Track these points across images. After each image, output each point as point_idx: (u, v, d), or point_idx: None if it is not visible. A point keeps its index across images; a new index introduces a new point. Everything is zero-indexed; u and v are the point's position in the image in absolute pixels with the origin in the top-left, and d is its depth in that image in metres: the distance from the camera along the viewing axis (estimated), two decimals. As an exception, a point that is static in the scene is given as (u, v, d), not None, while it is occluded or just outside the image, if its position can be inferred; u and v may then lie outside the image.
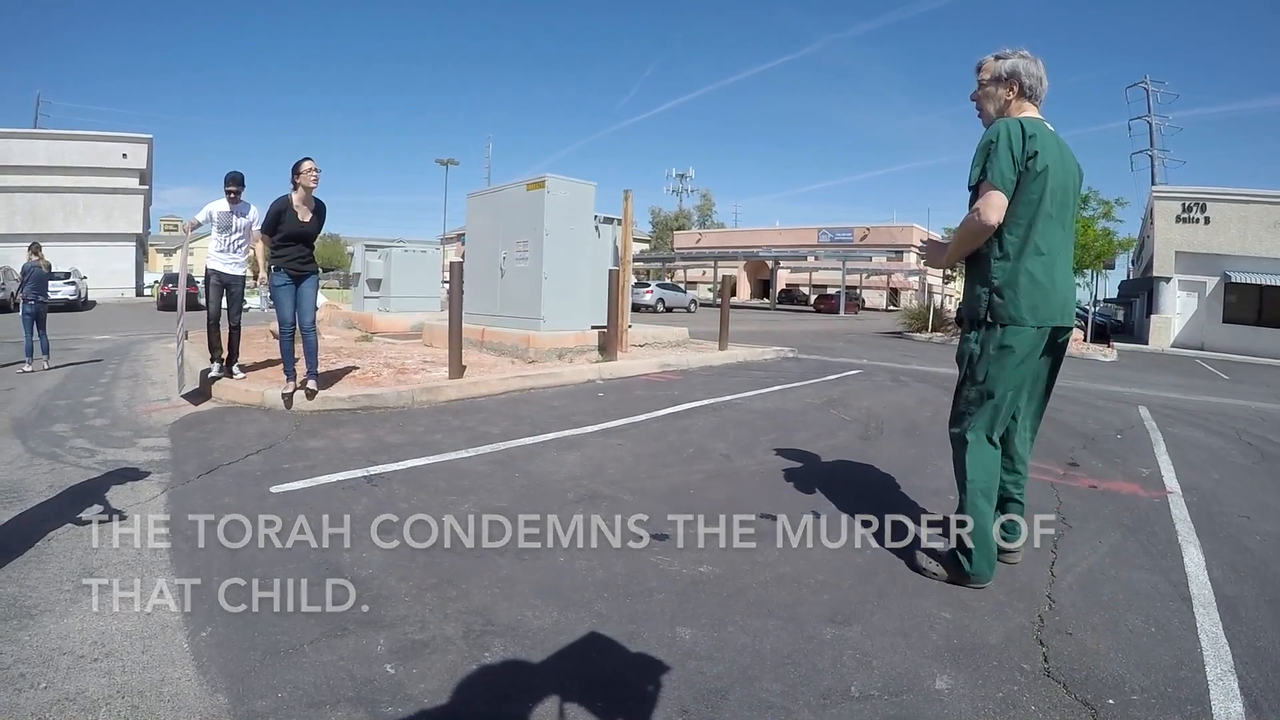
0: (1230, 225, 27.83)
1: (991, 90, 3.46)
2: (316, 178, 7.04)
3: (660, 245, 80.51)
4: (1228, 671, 2.64)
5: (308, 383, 7.05)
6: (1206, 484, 5.42)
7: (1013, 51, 3.42)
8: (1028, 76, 3.36)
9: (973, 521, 3.29)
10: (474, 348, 10.99)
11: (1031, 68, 3.37)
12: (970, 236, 3.27)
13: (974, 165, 3.25)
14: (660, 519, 4.09)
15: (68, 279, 28.65)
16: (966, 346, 3.42)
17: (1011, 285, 3.24)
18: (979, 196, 3.20)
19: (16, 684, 2.33)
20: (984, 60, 3.51)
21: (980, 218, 3.16)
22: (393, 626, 2.78)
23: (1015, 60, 3.38)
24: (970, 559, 3.30)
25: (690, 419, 7.12)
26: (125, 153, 46.29)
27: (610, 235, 12.33)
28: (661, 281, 48.72)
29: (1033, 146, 3.18)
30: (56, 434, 5.83)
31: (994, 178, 3.14)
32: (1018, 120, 3.25)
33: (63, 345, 12.70)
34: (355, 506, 4.15)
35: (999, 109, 3.45)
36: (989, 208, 3.14)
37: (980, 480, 3.33)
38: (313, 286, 7.22)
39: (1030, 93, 3.38)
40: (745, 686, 2.44)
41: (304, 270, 7.10)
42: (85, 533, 3.65)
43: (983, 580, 3.32)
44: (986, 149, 3.20)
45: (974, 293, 3.37)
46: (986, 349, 3.31)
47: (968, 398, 3.41)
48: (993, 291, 3.28)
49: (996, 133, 3.20)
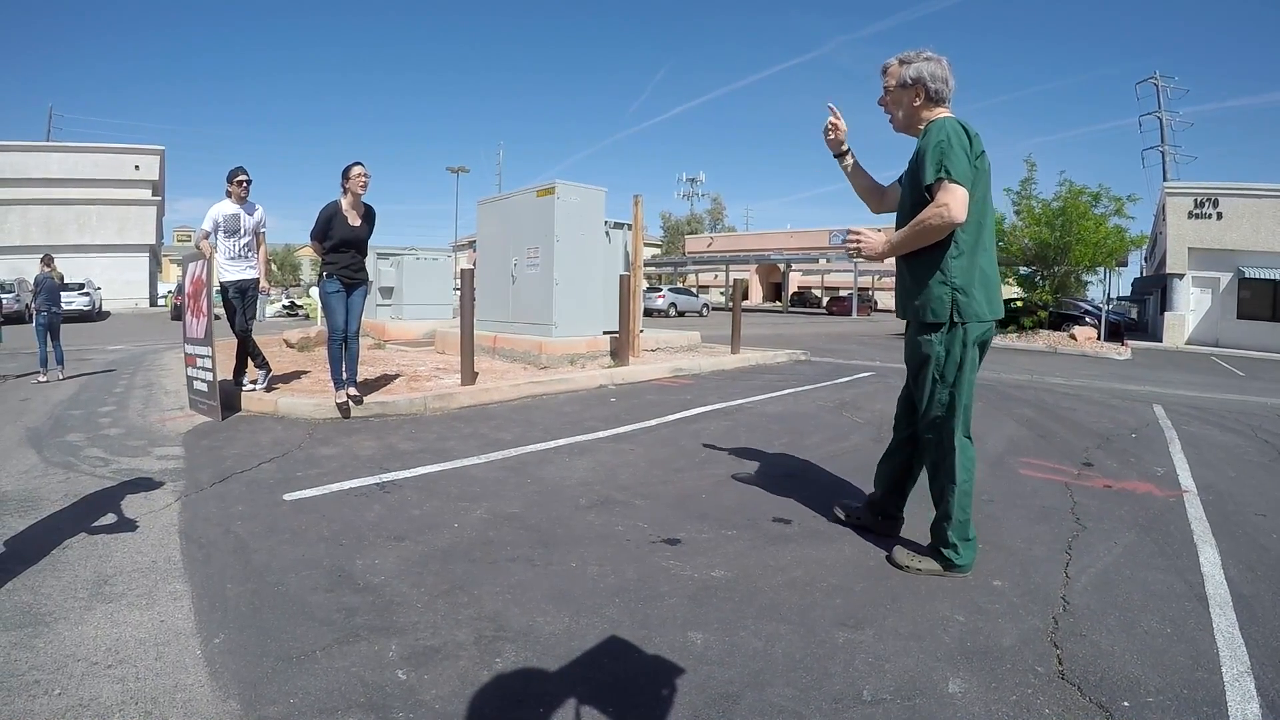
0: (1243, 220, 27.65)
1: (898, 95, 3.51)
2: (366, 183, 6.93)
3: (671, 250, 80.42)
4: (1244, 672, 2.62)
5: (349, 389, 7.00)
6: (1222, 482, 5.37)
7: (916, 54, 3.45)
8: (933, 80, 3.40)
9: (962, 517, 3.42)
10: (486, 354, 11.02)
11: (938, 70, 3.40)
12: (933, 233, 3.25)
13: (929, 165, 3.22)
14: (672, 523, 4.09)
15: (81, 290, 28.90)
16: (930, 349, 3.41)
17: (973, 283, 3.32)
18: (937, 194, 3.19)
19: (31, 690, 2.35)
20: (888, 64, 3.54)
21: (950, 214, 3.14)
22: (405, 633, 2.79)
23: (920, 64, 3.41)
24: (959, 552, 3.42)
25: (702, 423, 7.11)
26: (138, 164, 46.72)
27: (621, 240, 12.36)
28: (673, 286, 48.77)
29: (978, 146, 3.29)
30: (71, 443, 5.88)
31: (958, 176, 3.15)
32: (957, 121, 3.30)
33: (77, 356, 12.80)
34: (368, 513, 4.17)
35: (908, 114, 3.51)
36: (959, 204, 3.14)
37: (966, 480, 3.43)
38: (362, 296, 7.15)
39: (937, 96, 3.43)
40: (757, 691, 2.43)
41: (356, 278, 7.04)
42: (99, 541, 3.68)
43: (970, 568, 3.46)
44: (940, 149, 3.20)
45: (935, 292, 3.35)
46: (953, 349, 3.36)
47: (941, 401, 3.43)
48: (956, 290, 3.31)
49: (946, 133, 3.22)
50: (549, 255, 10.66)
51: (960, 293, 3.30)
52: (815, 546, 3.78)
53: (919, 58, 3.42)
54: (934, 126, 3.29)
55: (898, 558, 3.58)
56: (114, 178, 45.44)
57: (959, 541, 3.42)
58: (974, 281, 3.32)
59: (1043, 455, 6.06)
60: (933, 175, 3.20)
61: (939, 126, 3.27)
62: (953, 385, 3.39)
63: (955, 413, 3.41)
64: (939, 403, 3.44)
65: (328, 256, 6.92)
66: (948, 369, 3.38)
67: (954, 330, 3.34)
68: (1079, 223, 22.43)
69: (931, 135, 3.26)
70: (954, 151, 3.17)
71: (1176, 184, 31.37)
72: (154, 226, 48.00)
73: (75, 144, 46.80)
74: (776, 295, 69.08)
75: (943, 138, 3.21)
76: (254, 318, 7.98)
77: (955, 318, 3.31)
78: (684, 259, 66.92)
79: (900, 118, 3.55)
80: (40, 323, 9.86)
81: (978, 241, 3.33)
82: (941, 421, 3.45)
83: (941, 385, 3.41)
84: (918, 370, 3.53)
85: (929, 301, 3.37)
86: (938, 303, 3.34)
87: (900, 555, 3.59)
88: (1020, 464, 5.70)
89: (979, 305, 3.32)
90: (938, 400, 3.44)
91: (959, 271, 3.30)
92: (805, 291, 65.89)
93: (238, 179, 7.62)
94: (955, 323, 3.33)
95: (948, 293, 3.32)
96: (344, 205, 6.90)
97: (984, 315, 3.33)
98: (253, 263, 7.82)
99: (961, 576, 3.43)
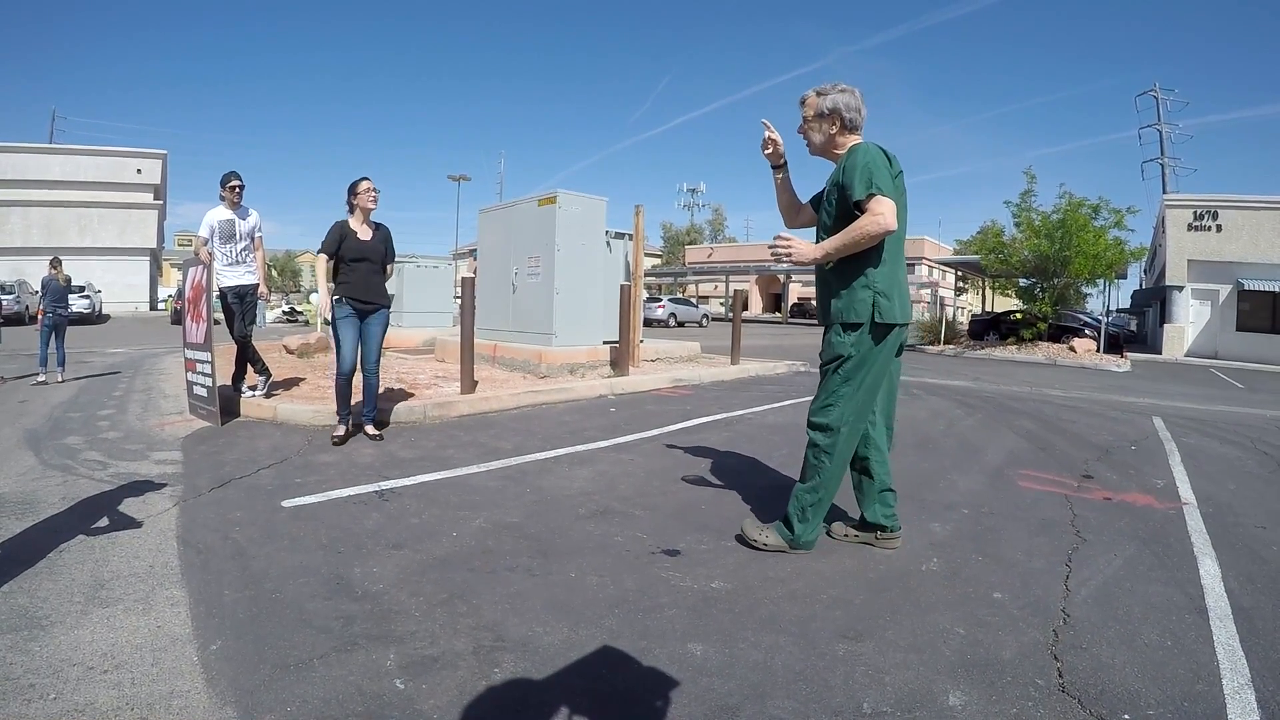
0: (1242, 232, 27.75)
1: (816, 125, 3.81)
2: (375, 198, 6.38)
3: (672, 260, 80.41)
4: (1245, 685, 2.61)
5: (365, 427, 6.44)
6: (1222, 495, 5.37)
7: (832, 87, 3.77)
8: (848, 110, 3.73)
9: (826, 497, 3.74)
10: (486, 363, 11.03)
11: (851, 101, 3.73)
12: (867, 240, 3.48)
13: (859, 183, 3.46)
14: (672, 534, 4.08)
15: (82, 293, 28.92)
16: (843, 349, 3.65)
17: (892, 288, 3.61)
18: (869, 206, 3.44)
19: (26, 694, 2.33)
20: (806, 96, 3.85)
21: (885, 221, 3.41)
22: (403, 642, 2.78)
23: (835, 96, 3.73)
24: (809, 528, 3.78)
25: (702, 434, 7.11)
26: (140, 168, 46.86)
27: (622, 250, 12.38)
28: (673, 296, 48.73)
29: (896, 166, 3.62)
30: (70, 446, 5.87)
31: (886, 191, 3.43)
32: (876, 145, 3.59)
33: (77, 358, 12.79)
34: (366, 521, 4.16)
35: (824, 141, 3.82)
36: (891, 214, 3.42)
37: (841, 466, 3.73)
38: (381, 324, 6.45)
39: (851, 124, 3.76)
40: (756, 703, 2.42)
41: (370, 302, 6.31)
42: (97, 545, 3.66)
43: (812, 545, 3.84)
44: (867, 169, 3.46)
45: (859, 295, 3.61)
46: (862, 348, 3.62)
47: (840, 394, 3.67)
48: (878, 294, 3.58)
49: (870, 156, 3.50)
50: (550, 264, 10.68)
51: (882, 296, 3.58)
52: (815, 558, 3.77)
53: (834, 90, 3.74)
54: (859, 150, 3.56)
55: (746, 530, 3.93)
56: (116, 181, 45.57)
57: (812, 518, 3.77)
58: (892, 288, 3.61)
59: (1042, 467, 6.05)
60: (863, 191, 3.45)
61: (864, 150, 3.54)
62: (862, 379, 3.64)
63: (850, 405, 3.66)
64: (838, 394, 3.67)
65: (340, 276, 6.26)
66: (854, 367, 3.64)
67: (869, 331, 3.60)
68: (1079, 235, 22.44)
69: (859, 157, 3.52)
70: (879, 170, 3.46)
71: (1176, 196, 31.50)
72: (155, 230, 48.05)
73: (77, 146, 46.96)
74: (776, 306, 69.12)
75: (869, 160, 3.48)
76: (254, 323, 7.92)
77: (876, 318, 3.57)
78: (684, 269, 66.98)
79: (817, 143, 3.85)
80: (46, 324, 9.95)
81: (896, 252, 3.66)
82: (833, 410, 3.67)
83: (842, 379, 3.66)
84: (829, 364, 3.75)
85: (853, 303, 3.62)
86: (861, 304, 3.60)
87: (748, 527, 3.94)
88: (1020, 476, 5.70)
89: (895, 309, 3.60)
90: (838, 393, 3.67)
91: (881, 278, 3.59)
92: (805, 303, 65.75)
93: (230, 184, 7.54)
94: (875, 323, 3.59)
95: (870, 296, 3.59)
96: (352, 223, 6.34)
97: (898, 319, 3.61)
98: (251, 268, 7.76)
99: (951, 586, 3.44)
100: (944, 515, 4.57)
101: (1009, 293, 27.47)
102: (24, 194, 42.29)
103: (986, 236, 29.46)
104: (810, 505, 3.74)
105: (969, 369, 17.21)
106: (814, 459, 3.74)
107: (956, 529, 4.32)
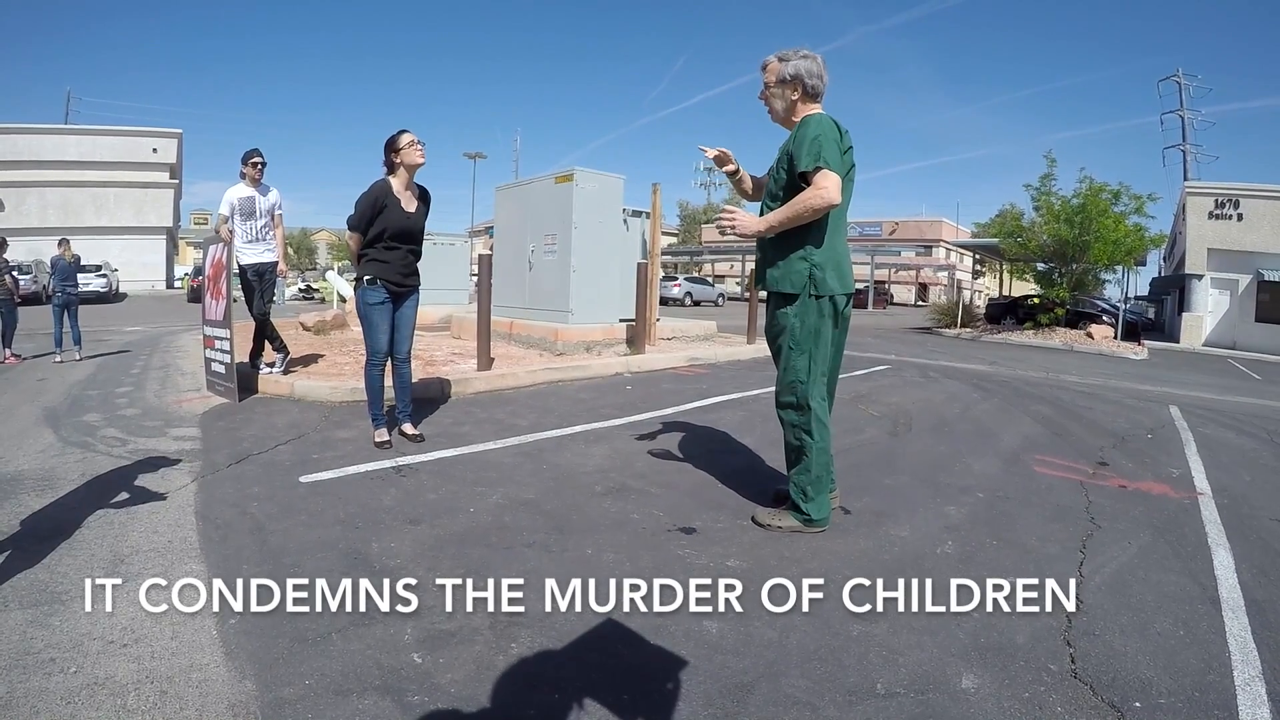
0: (1264, 222, 27.36)
1: (778, 90, 3.79)
2: (423, 152, 5.27)
3: (688, 239, 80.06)
4: (1255, 677, 2.61)
5: (402, 425, 5.62)
6: (1237, 485, 5.34)
7: (794, 53, 3.74)
8: (810, 77, 3.71)
9: (820, 473, 3.76)
10: (502, 340, 11.03)
11: (813, 68, 3.71)
12: (810, 213, 3.51)
13: (806, 155, 3.50)
14: (688, 512, 4.09)
15: (99, 272, 29.07)
16: (786, 321, 3.76)
17: (828, 261, 3.67)
18: (815, 179, 3.47)
19: (46, 668, 2.38)
20: (768, 61, 3.81)
21: (829, 195, 3.43)
22: (420, 616, 2.81)
23: (797, 62, 3.70)
24: (817, 506, 3.77)
25: (718, 413, 7.11)
26: (155, 147, 46.85)
27: (639, 228, 12.34)
28: (689, 275, 48.63)
29: (847, 141, 3.67)
30: (88, 423, 5.93)
31: (832, 165, 3.47)
32: (829, 117, 3.63)
33: (94, 337, 12.90)
34: (384, 497, 4.19)
35: (786, 108, 3.81)
36: (835, 188, 3.45)
37: (824, 440, 3.77)
38: (414, 307, 5.58)
39: (813, 92, 3.74)
40: (771, 681, 2.44)
41: (407, 284, 5.42)
42: (116, 520, 3.72)
43: (826, 522, 3.82)
44: (816, 141, 3.49)
45: (796, 267, 3.68)
46: (807, 319, 3.70)
47: (797, 368, 3.75)
48: (814, 266, 3.66)
49: (821, 128, 3.54)
50: (566, 242, 10.66)
51: (817, 268, 3.65)
52: (830, 539, 3.77)
53: (796, 55, 3.71)
54: (811, 120, 3.61)
55: (759, 516, 3.92)
56: (131, 160, 45.58)
57: (816, 496, 3.76)
58: (829, 260, 3.67)
59: (1058, 453, 6.03)
60: (809, 163, 3.49)
61: (816, 121, 3.58)
62: (810, 350, 3.71)
63: (811, 378, 3.73)
64: (795, 369, 3.75)
65: (370, 253, 5.24)
66: (803, 338, 3.71)
67: (809, 302, 3.68)
68: (1098, 220, 22.19)
69: (810, 129, 3.56)
70: (829, 144, 3.49)
71: (1197, 184, 31.12)
72: (171, 209, 48.18)
73: (93, 127, 46.96)
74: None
75: (819, 132, 3.52)
76: (272, 300, 7.94)
77: (811, 291, 3.66)
78: (700, 248, 66.64)
79: (779, 109, 3.83)
80: (57, 303, 10.07)
81: (838, 225, 3.72)
82: (798, 386, 3.75)
83: (798, 353, 3.73)
84: (776, 339, 3.86)
85: (789, 274, 3.71)
86: (797, 275, 3.68)
87: (761, 514, 3.94)
88: (1035, 461, 5.68)
89: (832, 280, 3.66)
90: (794, 367, 3.75)
91: (818, 250, 3.66)
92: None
93: (252, 160, 7.52)
94: (811, 295, 3.66)
95: (805, 268, 3.66)
96: (395, 187, 5.22)
97: (835, 290, 3.68)
98: (270, 245, 7.75)
99: (966, 569, 3.42)
100: (959, 499, 4.56)
101: (1027, 277, 27.23)
102: (41, 174, 42.41)
103: (1005, 220, 29.15)
104: (809, 484, 3.76)
105: (985, 353, 17.11)
106: (794, 439, 3.82)
107: (971, 513, 4.32)
